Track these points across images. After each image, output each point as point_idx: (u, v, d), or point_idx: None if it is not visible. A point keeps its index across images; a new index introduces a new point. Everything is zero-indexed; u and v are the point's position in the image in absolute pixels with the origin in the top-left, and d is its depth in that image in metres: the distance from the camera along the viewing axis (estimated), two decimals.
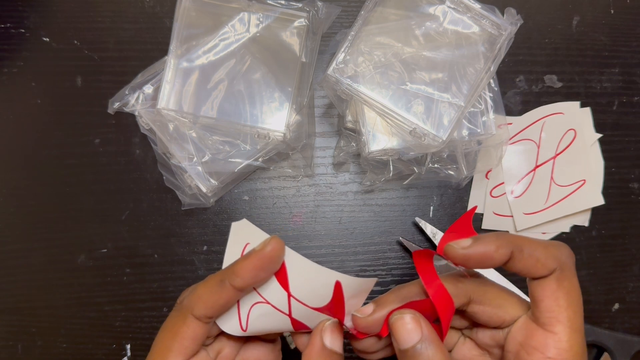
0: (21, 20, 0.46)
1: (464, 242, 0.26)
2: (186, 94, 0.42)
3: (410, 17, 0.42)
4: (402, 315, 0.26)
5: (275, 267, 0.25)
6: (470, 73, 0.41)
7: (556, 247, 0.27)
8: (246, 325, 0.28)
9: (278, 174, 0.45)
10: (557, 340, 0.26)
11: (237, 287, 0.25)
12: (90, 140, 0.45)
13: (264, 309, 0.27)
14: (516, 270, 0.26)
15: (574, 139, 0.46)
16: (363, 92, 0.41)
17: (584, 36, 0.48)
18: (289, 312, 0.27)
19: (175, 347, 0.26)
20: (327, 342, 0.27)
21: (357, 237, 0.45)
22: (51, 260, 0.44)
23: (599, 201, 0.46)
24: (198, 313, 0.26)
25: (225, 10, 0.43)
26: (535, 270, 0.26)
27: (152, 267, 0.44)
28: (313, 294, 0.27)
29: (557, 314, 0.26)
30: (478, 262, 0.26)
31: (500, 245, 0.25)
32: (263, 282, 0.26)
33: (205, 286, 0.26)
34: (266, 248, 0.24)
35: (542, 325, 0.26)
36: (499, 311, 0.28)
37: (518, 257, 0.26)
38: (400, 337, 0.26)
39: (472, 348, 0.31)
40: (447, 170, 0.43)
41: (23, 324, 0.44)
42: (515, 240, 0.26)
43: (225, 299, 0.26)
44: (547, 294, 0.26)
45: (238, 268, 0.25)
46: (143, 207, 0.45)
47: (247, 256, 0.25)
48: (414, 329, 0.26)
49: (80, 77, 0.46)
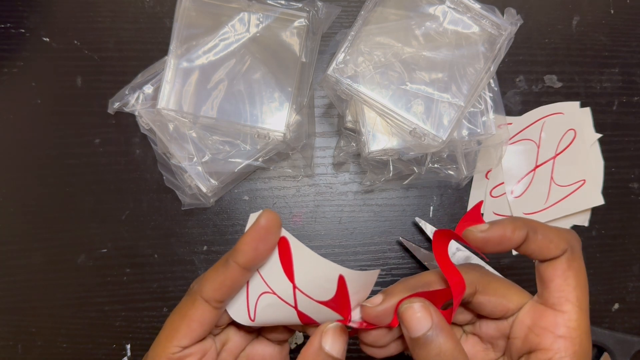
0: (21, 20, 0.46)
1: (481, 226, 0.27)
2: (186, 94, 0.42)
3: (410, 17, 0.42)
4: (412, 304, 0.26)
5: (273, 238, 0.26)
6: (470, 73, 0.41)
7: (566, 230, 0.28)
8: (254, 315, 0.28)
9: (278, 174, 0.45)
10: (566, 319, 0.27)
11: (240, 264, 0.25)
12: (90, 140, 0.45)
13: (271, 299, 0.27)
14: (529, 251, 0.27)
15: (574, 139, 0.46)
16: (363, 92, 0.41)
17: (584, 36, 0.48)
18: (295, 304, 0.27)
19: (183, 328, 0.27)
20: (326, 346, 0.27)
21: (357, 237, 0.45)
22: (51, 260, 0.44)
23: (599, 201, 0.46)
24: (206, 295, 0.26)
25: (225, 10, 0.43)
26: (548, 251, 0.27)
27: (152, 267, 0.44)
28: (318, 287, 0.27)
29: (567, 293, 0.27)
30: (496, 245, 0.27)
31: (517, 227, 0.26)
32: (265, 257, 0.26)
33: (213, 269, 0.27)
34: (260, 220, 0.25)
35: (551, 306, 0.27)
36: (504, 300, 0.29)
37: (532, 238, 0.27)
38: (410, 326, 0.26)
39: (475, 344, 0.31)
40: (447, 170, 0.43)
41: (23, 324, 0.44)
42: (529, 223, 0.27)
43: (231, 279, 0.26)
44: (558, 273, 0.27)
45: (239, 245, 0.26)
46: (143, 207, 0.45)
47: (245, 232, 0.26)
48: (424, 316, 0.26)
49: (80, 77, 0.46)
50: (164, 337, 0.27)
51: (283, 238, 0.26)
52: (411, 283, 0.28)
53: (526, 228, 0.27)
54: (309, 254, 0.26)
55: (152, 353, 0.27)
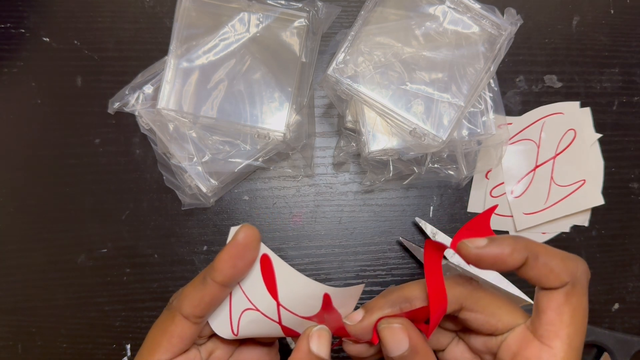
0: (21, 20, 0.46)
1: (479, 241, 0.25)
2: (186, 94, 0.42)
3: (410, 17, 0.42)
4: (390, 325, 0.26)
5: (252, 255, 0.25)
6: (470, 73, 0.41)
7: (573, 261, 0.26)
8: (237, 330, 0.28)
9: (278, 174, 0.45)
10: (551, 355, 0.25)
11: (218, 282, 0.25)
12: (90, 140, 0.45)
13: (254, 316, 0.27)
14: (527, 277, 0.25)
15: (574, 139, 0.46)
16: (363, 92, 0.41)
17: (584, 36, 0.48)
18: (279, 320, 0.27)
19: (164, 344, 0.26)
20: (313, 347, 0.27)
21: (357, 237, 0.45)
22: (51, 260, 0.44)
23: (599, 201, 0.46)
24: (186, 312, 0.26)
25: (225, 10, 0.43)
26: (547, 281, 0.25)
27: (152, 267, 0.44)
28: (302, 305, 0.27)
29: (558, 329, 0.25)
30: (490, 264, 0.25)
31: (516, 249, 0.24)
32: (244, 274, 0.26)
33: (190, 285, 0.26)
34: (238, 236, 0.24)
35: (539, 337, 0.26)
36: (492, 319, 0.27)
37: (532, 264, 0.25)
38: (387, 345, 0.26)
39: (464, 351, 0.30)
40: (447, 170, 0.43)
41: (23, 324, 0.44)
42: (531, 246, 0.25)
43: (210, 296, 0.26)
44: (552, 306, 0.25)
45: (216, 262, 0.25)
46: (143, 207, 0.45)
47: (223, 249, 0.25)
48: (402, 338, 0.26)
49: (80, 77, 0.46)
50: (146, 352, 0.27)
51: (265, 256, 0.26)
52: (392, 298, 0.27)
53: (526, 252, 0.25)
54: (292, 273, 0.26)
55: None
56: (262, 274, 0.26)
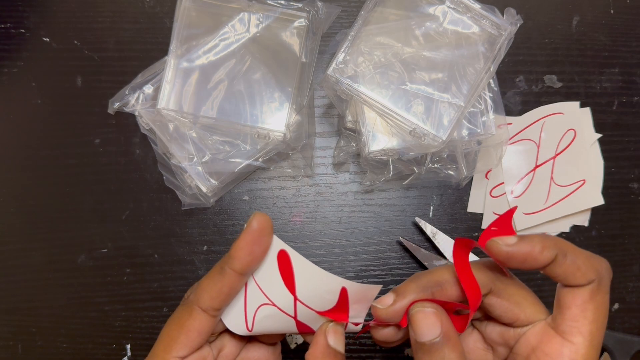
0: (21, 20, 0.46)
1: (509, 239, 0.25)
2: (186, 94, 0.42)
3: (410, 17, 0.42)
4: (424, 309, 0.26)
5: (267, 241, 0.26)
6: (470, 73, 0.41)
7: (598, 260, 0.26)
8: (252, 326, 0.28)
9: (278, 174, 0.45)
10: (573, 351, 0.25)
11: (236, 270, 0.26)
12: (90, 140, 0.45)
13: (270, 311, 0.28)
14: (554, 274, 0.26)
15: (574, 139, 0.46)
16: (363, 92, 0.41)
17: (584, 36, 0.48)
18: (295, 315, 0.28)
19: (181, 339, 0.27)
20: (331, 341, 0.28)
21: (357, 237, 0.45)
22: (51, 260, 0.44)
23: (599, 201, 0.46)
24: (204, 305, 0.26)
25: (225, 10, 0.43)
26: (574, 278, 0.25)
27: (152, 267, 0.44)
28: (319, 299, 0.27)
29: (581, 325, 0.25)
30: (521, 262, 0.25)
31: (546, 246, 0.25)
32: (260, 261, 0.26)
33: (207, 277, 0.27)
34: (252, 224, 0.25)
35: (561, 333, 0.26)
36: (516, 308, 0.27)
37: (560, 262, 0.25)
38: (419, 330, 0.26)
39: (477, 340, 0.30)
40: (447, 170, 0.43)
41: (23, 324, 0.44)
42: (560, 244, 0.25)
43: (228, 286, 0.26)
44: (577, 303, 0.25)
45: (233, 251, 0.26)
46: (143, 207, 0.45)
47: (238, 237, 0.26)
48: (434, 323, 0.25)
49: (80, 77, 0.46)
50: (161, 349, 0.27)
51: (283, 251, 0.26)
52: (424, 282, 0.27)
53: (556, 249, 0.25)
54: (311, 267, 0.26)
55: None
56: (280, 269, 0.27)
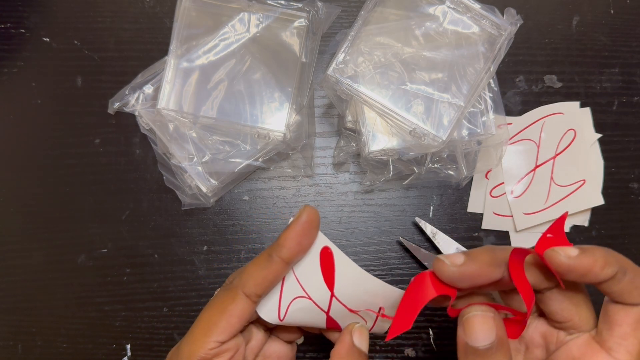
0: (21, 20, 0.46)
1: (570, 250, 0.24)
2: (186, 94, 0.42)
3: (410, 17, 0.42)
4: (485, 313, 0.25)
5: (314, 233, 0.27)
6: (470, 73, 0.41)
7: None
8: (284, 316, 0.29)
9: (278, 174, 0.45)
10: None
11: (284, 259, 0.26)
12: (90, 140, 0.45)
13: (304, 304, 0.28)
14: (609, 291, 0.25)
15: (574, 139, 0.46)
16: (363, 92, 0.41)
17: (584, 36, 0.48)
18: (328, 310, 0.29)
19: (222, 323, 0.27)
20: (356, 341, 0.29)
21: (357, 237, 0.45)
22: (51, 260, 0.44)
23: (599, 201, 0.46)
24: (249, 290, 0.27)
25: (225, 10, 0.43)
26: (629, 297, 0.25)
27: (152, 267, 0.44)
28: (355, 298, 0.29)
29: (629, 344, 0.25)
30: (580, 275, 0.24)
31: (608, 262, 0.24)
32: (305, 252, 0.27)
33: (254, 264, 0.27)
34: (302, 216, 0.26)
35: (607, 349, 0.25)
36: (574, 308, 0.27)
37: (619, 279, 0.24)
38: (472, 333, 0.25)
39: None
40: (447, 170, 0.43)
41: (23, 324, 0.44)
42: (622, 261, 0.24)
43: (273, 274, 0.27)
44: (629, 321, 0.25)
45: (282, 239, 0.26)
46: (143, 207, 0.45)
47: (288, 228, 0.26)
48: (490, 329, 0.24)
49: (80, 77, 0.46)
50: (200, 333, 0.27)
51: (327, 248, 0.27)
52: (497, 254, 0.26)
53: (617, 266, 0.24)
54: (354, 269, 0.28)
55: (186, 349, 0.27)
56: (321, 264, 0.28)
